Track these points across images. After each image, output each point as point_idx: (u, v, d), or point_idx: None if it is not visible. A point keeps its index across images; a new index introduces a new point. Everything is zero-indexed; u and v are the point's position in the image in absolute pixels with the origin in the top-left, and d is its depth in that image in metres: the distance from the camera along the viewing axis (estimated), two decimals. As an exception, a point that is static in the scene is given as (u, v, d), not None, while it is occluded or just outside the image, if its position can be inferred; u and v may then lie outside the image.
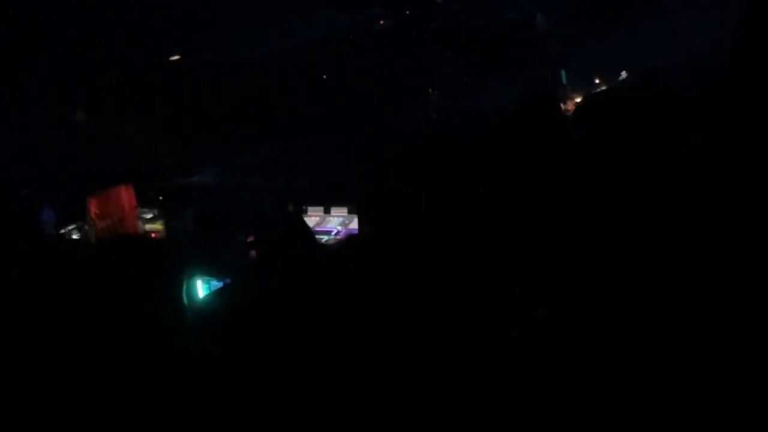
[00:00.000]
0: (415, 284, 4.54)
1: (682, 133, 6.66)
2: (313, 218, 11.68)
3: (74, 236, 11.68)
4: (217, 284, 9.12)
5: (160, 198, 12.62)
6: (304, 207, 11.89)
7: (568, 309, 4.17)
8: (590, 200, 5.83)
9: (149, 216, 12.41)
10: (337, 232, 11.35)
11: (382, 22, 18.66)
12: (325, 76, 17.29)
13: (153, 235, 12.05)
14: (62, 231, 11.67)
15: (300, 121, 15.97)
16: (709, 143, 6.11)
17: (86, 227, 11.79)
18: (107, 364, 3.89)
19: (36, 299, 4.26)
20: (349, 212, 11.60)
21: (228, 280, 8.91)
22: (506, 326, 4.20)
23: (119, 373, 3.84)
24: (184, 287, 4.45)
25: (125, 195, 12.26)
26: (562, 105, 12.90)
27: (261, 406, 3.85)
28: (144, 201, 12.55)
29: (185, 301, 4.43)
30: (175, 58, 17.29)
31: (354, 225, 11.23)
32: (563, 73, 13.40)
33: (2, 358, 3.95)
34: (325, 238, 11.14)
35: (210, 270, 9.28)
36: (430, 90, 15.62)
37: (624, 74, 16.10)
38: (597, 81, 16.29)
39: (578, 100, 14.33)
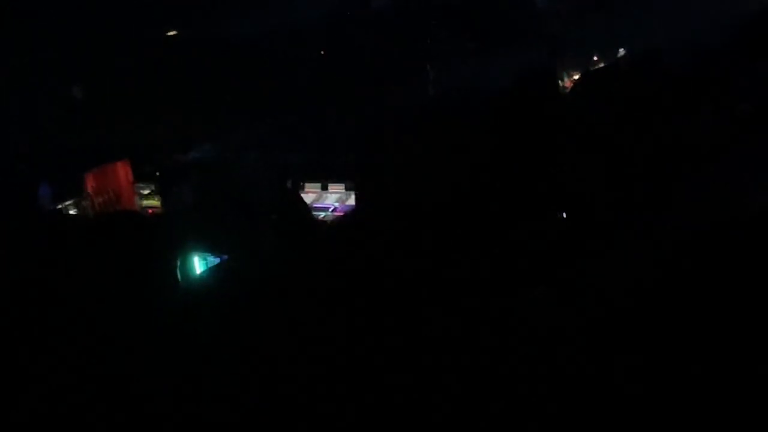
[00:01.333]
0: (412, 262, 4.53)
1: (680, 112, 6.65)
2: (310, 195, 11.70)
3: (71, 212, 11.68)
4: (214, 260, 9.13)
5: (158, 174, 12.62)
6: (301, 183, 11.91)
7: (567, 287, 4.16)
8: (588, 178, 5.82)
9: (146, 192, 12.41)
10: (335, 209, 11.37)
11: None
12: (322, 52, 17.25)
13: (150, 210, 12.06)
14: (59, 206, 11.66)
15: (297, 97, 15.95)
16: (708, 123, 6.10)
17: (83, 203, 11.79)
18: (102, 341, 3.89)
19: (32, 275, 4.25)
20: (347, 189, 11.62)
21: (225, 257, 8.92)
22: (504, 304, 4.20)
23: (114, 350, 3.84)
24: (179, 263, 4.45)
25: (122, 171, 12.26)
26: (559, 82, 12.89)
27: (258, 383, 3.85)
28: (141, 177, 12.54)
29: (180, 277, 4.43)
30: (173, 33, 17.23)
31: (351, 201, 11.26)
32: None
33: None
34: (322, 214, 11.16)
35: (207, 246, 9.29)
36: (427, 66, 15.59)
37: (622, 51, 16.07)
38: (595, 58, 16.26)
39: (576, 76, 14.31)
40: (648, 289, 3.58)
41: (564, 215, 5.58)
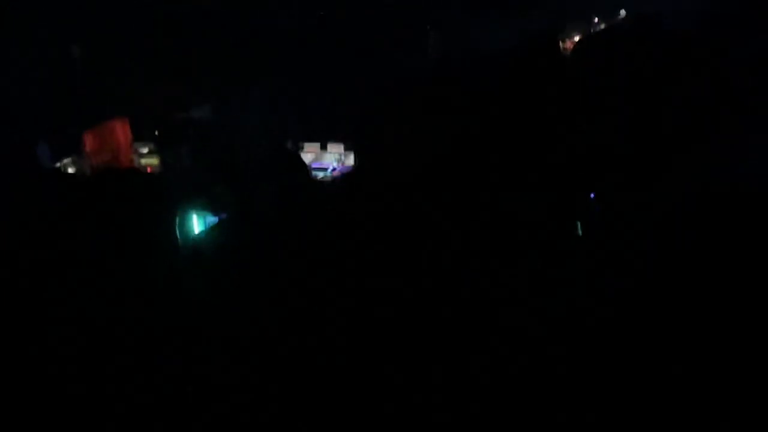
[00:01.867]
0: (409, 222, 4.55)
1: (680, 73, 6.64)
2: (309, 154, 11.68)
3: (69, 170, 11.65)
4: (212, 219, 9.12)
5: (156, 133, 12.57)
6: (300, 143, 11.88)
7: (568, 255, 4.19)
8: (591, 139, 5.81)
9: (145, 151, 12.37)
10: (334, 169, 11.34)
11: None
12: (322, 13, 17.14)
13: (149, 169, 12.03)
14: (57, 165, 11.63)
15: (298, 57, 15.86)
16: (707, 85, 6.08)
17: (81, 161, 11.76)
18: (103, 296, 3.91)
19: (32, 233, 4.27)
20: (346, 148, 11.59)
21: (224, 216, 8.92)
22: (501, 269, 4.22)
23: (115, 307, 3.86)
24: (178, 222, 4.47)
25: (121, 130, 12.23)
26: (561, 44, 12.84)
27: (257, 340, 3.88)
28: (140, 136, 12.50)
29: (179, 235, 4.44)
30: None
31: (350, 161, 11.23)
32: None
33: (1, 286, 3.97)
34: (321, 174, 11.14)
35: (206, 205, 9.28)
36: (429, 29, 15.51)
37: (623, 13, 15.99)
38: (596, 20, 16.19)
39: (577, 38, 14.25)
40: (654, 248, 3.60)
41: (565, 177, 5.58)
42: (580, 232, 4.95)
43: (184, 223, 6.80)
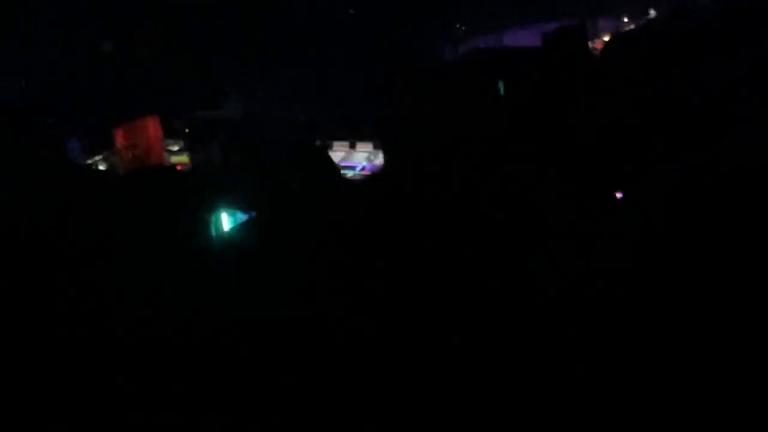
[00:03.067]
0: (437, 218, 4.58)
1: (709, 69, 6.64)
2: (338, 153, 11.72)
3: (101, 166, 11.75)
4: (242, 217, 9.17)
5: (187, 131, 12.66)
6: (329, 142, 11.92)
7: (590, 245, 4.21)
8: (618, 136, 5.82)
9: (175, 148, 12.46)
10: (363, 168, 11.35)
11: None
12: (352, 11, 17.18)
13: (179, 167, 12.09)
14: (89, 161, 11.74)
15: (327, 54, 15.91)
16: (737, 78, 6.07)
17: (113, 158, 11.86)
18: (137, 292, 3.96)
19: (64, 228, 4.32)
20: (375, 147, 11.60)
21: (253, 213, 8.96)
22: (526, 263, 4.25)
23: (149, 302, 3.91)
24: (213, 220, 4.51)
25: (152, 126, 12.32)
26: (590, 43, 12.81)
27: (286, 333, 3.92)
28: (170, 133, 12.59)
29: (214, 233, 4.48)
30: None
31: (379, 160, 11.24)
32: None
33: (29, 282, 4.03)
34: (350, 173, 11.16)
35: (236, 203, 9.33)
36: (457, 26, 15.52)
37: (652, 12, 15.95)
38: (626, 20, 16.15)
39: (606, 38, 14.23)
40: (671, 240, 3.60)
41: (591, 171, 5.58)
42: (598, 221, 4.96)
43: (215, 221, 6.85)
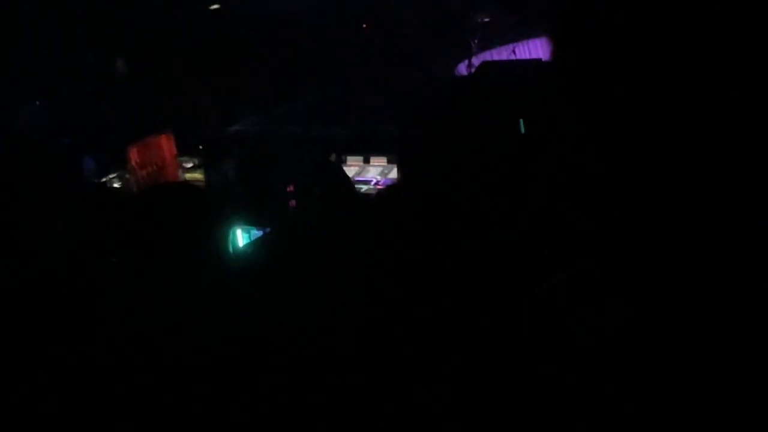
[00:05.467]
0: (453, 235, 4.53)
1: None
2: (352, 168, 11.70)
3: (115, 185, 11.77)
4: (257, 233, 9.18)
5: (201, 147, 12.67)
6: (343, 156, 11.92)
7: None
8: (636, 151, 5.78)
9: (190, 165, 12.47)
10: (377, 182, 11.36)
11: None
12: (365, 25, 17.21)
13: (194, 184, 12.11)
14: (103, 180, 11.76)
15: (340, 69, 15.93)
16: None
17: (127, 176, 11.88)
18: (151, 313, 3.93)
19: (79, 248, 4.30)
20: (389, 162, 11.60)
21: (268, 230, 8.97)
22: (543, 282, 4.17)
23: (164, 323, 3.87)
24: (230, 236, 4.48)
25: (166, 144, 12.32)
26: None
27: (301, 351, 3.88)
28: (185, 150, 12.60)
29: (227, 249, 4.46)
30: (215, 6, 17.27)
31: (393, 175, 11.24)
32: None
33: (43, 304, 3.99)
34: (364, 188, 11.16)
35: (250, 219, 9.34)
36: (471, 41, 15.52)
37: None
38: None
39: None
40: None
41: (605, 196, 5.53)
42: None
43: (231, 238, 6.85)
